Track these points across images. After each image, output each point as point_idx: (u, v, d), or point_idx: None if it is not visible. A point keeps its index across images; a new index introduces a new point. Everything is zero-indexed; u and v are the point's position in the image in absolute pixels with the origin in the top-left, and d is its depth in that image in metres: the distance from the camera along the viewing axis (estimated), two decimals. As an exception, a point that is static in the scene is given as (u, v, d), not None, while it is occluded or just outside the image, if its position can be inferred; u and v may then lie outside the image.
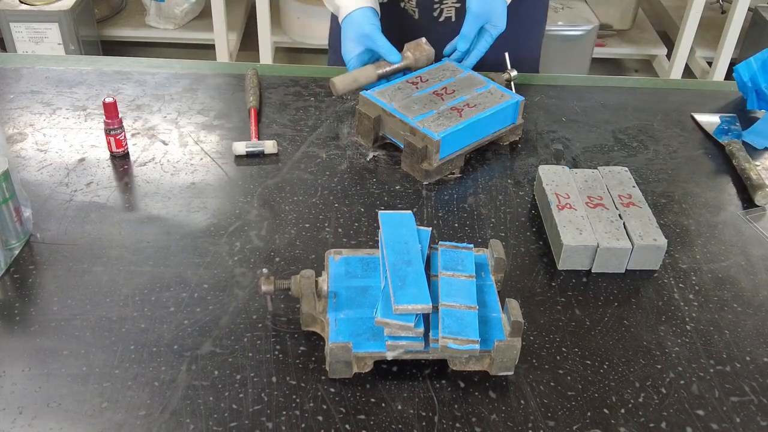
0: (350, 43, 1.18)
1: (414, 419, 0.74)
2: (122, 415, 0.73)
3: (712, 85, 1.69)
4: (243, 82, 1.28)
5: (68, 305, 0.84)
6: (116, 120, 1.06)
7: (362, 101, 1.13)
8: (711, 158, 1.17)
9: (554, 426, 0.74)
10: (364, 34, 1.16)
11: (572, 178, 1.02)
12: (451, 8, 1.30)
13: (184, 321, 0.83)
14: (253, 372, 0.78)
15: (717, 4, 3.46)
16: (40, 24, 2.80)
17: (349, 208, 1.01)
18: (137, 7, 3.26)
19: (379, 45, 1.16)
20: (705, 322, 0.87)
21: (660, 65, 3.31)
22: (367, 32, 1.16)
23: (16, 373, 0.76)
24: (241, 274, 0.90)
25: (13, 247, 0.91)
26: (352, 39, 1.17)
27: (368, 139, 1.13)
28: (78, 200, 1.00)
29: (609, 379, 0.79)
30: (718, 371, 0.81)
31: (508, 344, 0.76)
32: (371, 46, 1.16)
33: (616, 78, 1.47)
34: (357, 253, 0.87)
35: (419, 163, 1.06)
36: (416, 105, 1.11)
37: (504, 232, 0.99)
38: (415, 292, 0.76)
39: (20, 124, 1.15)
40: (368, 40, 1.16)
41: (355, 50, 1.18)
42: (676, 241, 0.99)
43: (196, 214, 0.99)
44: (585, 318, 0.87)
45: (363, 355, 0.77)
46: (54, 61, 1.33)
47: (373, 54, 1.19)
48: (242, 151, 1.10)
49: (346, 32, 1.18)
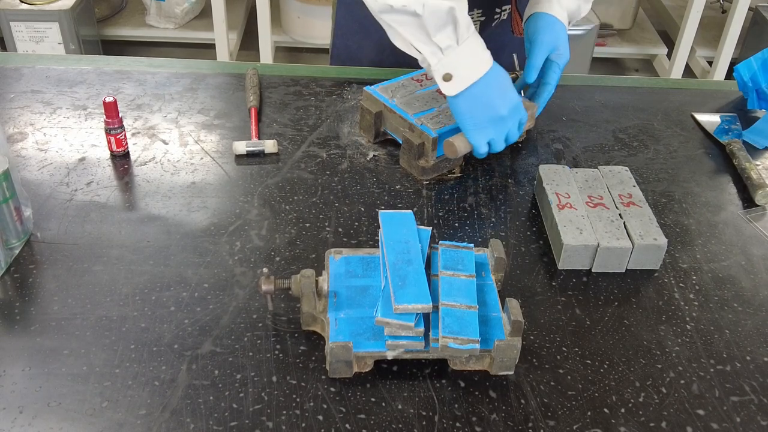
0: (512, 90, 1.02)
1: (414, 419, 0.74)
2: (122, 414, 0.73)
3: (712, 84, 1.69)
4: (243, 82, 1.28)
5: (68, 305, 0.84)
6: (116, 119, 1.06)
7: (365, 97, 1.13)
8: (711, 158, 1.17)
9: (554, 425, 0.74)
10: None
11: (572, 178, 1.02)
12: (477, 22, 1.27)
13: (185, 320, 0.83)
14: (253, 371, 0.78)
15: (717, 4, 3.46)
16: (40, 23, 2.80)
17: (350, 208, 1.01)
18: (137, 7, 3.26)
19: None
20: (705, 322, 0.87)
21: (660, 65, 3.31)
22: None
23: (16, 372, 0.76)
24: (241, 274, 0.90)
25: (14, 246, 0.91)
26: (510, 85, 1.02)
27: (369, 135, 1.13)
28: (78, 200, 1.00)
29: (609, 378, 0.79)
30: (719, 371, 0.81)
31: (509, 344, 0.76)
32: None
33: (616, 77, 1.47)
34: (357, 252, 0.87)
35: (416, 159, 1.06)
36: (418, 102, 1.11)
37: (504, 231, 0.99)
38: (416, 291, 0.76)
39: (20, 123, 1.15)
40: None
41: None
42: (677, 241, 0.99)
43: (197, 214, 0.99)
44: (585, 318, 0.87)
45: (363, 355, 0.77)
46: (54, 61, 1.33)
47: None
48: (242, 151, 1.10)
49: (505, 79, 1.01)
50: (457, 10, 0.91)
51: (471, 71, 0.96)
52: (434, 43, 0.93)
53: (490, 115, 0.99)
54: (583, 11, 1.17)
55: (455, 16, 0.92)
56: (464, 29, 0.93)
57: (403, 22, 0.93)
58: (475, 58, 0.96)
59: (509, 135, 1.04)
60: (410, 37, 0.94)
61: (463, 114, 0.99)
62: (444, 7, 0.91)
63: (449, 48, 0.94)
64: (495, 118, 0.99)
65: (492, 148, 1.03)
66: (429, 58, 0.95)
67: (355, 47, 1.35)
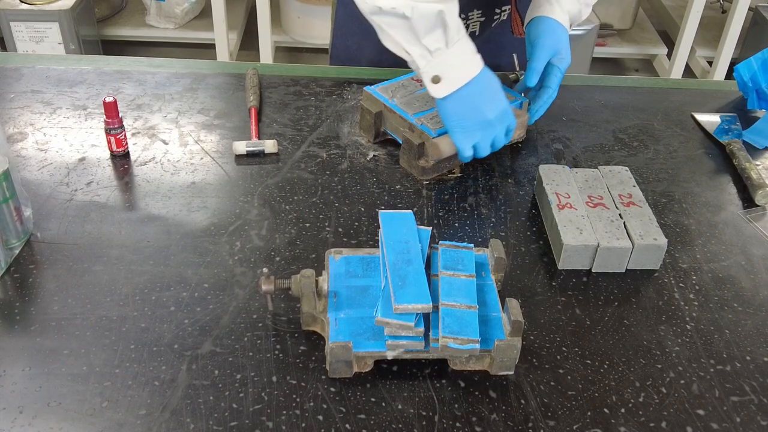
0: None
1: (414, 419, 0.74)
2: (122, 414, 0.73)
3: (712, 84, 1.69)
4: (243, 82, 1.28)
5: (68, 305, 0.84)
6: (116, 119, 1.06)
7: (365, 97, 1.13)
8: (711, 158, 1.17)
9: (554, 426, 0.74)
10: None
11: (572, 178, 1.02)
12: (476, 23, 1.27)
13: (185, 320, 0.83)
14: (253, 371, 0.78)
15: (717, 4, 3.46)
16: (40, 23, 2.80)
17: (350, 208, 1.01)
18: (137, 7, 3.26)
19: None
20: (705, 322, 0.87)
21: (660, 65, 3.31)
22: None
23: (16, 372, 0.76)
24: (241, 274, 0.90)
25: (14, 246, 0.91)
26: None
27: (369, 135, 1.14)
28: (78, 200, 1.00)
29: (609, 378, 0.79)
30: (719, 371, 0.81)
31: (509, 344, 0.76)
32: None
33: (616, 77, 1.47)
34: (357, 252, 0.87)
35: (416, 159, 1.06)
36: (417, 102, 1.11)
37: (504, 231, 0.99)
38: (416, 291, 0.76)
39: (20, 123, 1.15)
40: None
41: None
42: (677, 241, 0.99)
43: (197, 214, 0.99)
44: (585, 318, 0.87)
45: (363, 355, 0.77)
46: (54, 61, 1.33)
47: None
48: (242, 151, 1.10)
49: (494, 83, 1.00)
50: (446, 13, 0.91)
51: (460, 74, 0.95)
52: (423, 46, 0.93)
53: (478, 119, 0.99)
54: (584, 14, 1.17)
55: (444, 19, 0.91)
56: (454, 32, 0.93)
57: (393, 24, 0.93)
58: (464, 61, 0.96)
59: (495, 140, 1.03)
60: (400, 39, 0.94)
61: (450, 116, 0.98)
62: (433, 10, 0.90)
63: (438, 51, 0.93)
64: (482, 122, 0.99)
65: (477, 152, 1.03)
66: (418, 60, 0.94)
67: (355, 47, 1.35)
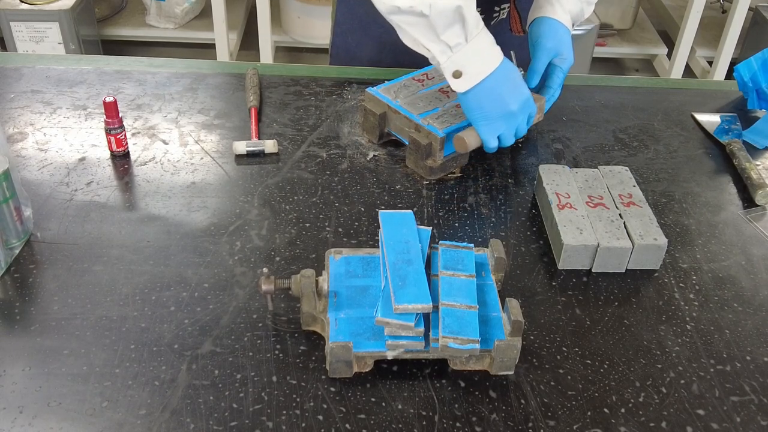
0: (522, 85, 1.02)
1: (414, 419, 0.74)
2: (122, 414, 0.73)
3: (712, 84, 1.69)
4: (243, 82, 1.28)
5: (68, 304, 0.84)
6: (116, 119, 1.06)
7: (368, 98, 1.13)
8: (711, 158, 1.17)
9: (554, 425, 0.74)
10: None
11: (572, 178, 1.02)
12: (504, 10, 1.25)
13: (185, 320, 0.83)
14: (253, 371, 0.78)
15: (717, 4, 3.46)
16: (40, 23, 2.80)
17: (350, 208, 1.01)
18: (137, 7, 3.26)
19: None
20: (705, 322, 0.87)
21: (660, 65, 3.31)
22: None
23: (16, 372, 0.76)
24: (241, 274, 0.90)
25: (14, 246, 0.91)
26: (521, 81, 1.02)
27: (373, 136, 1.13)
28: (78, 200, 1.00)
29: (609, 378, 0.79)
30: (719, 371, 0.81)
31: (509, 344, 0.76)
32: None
33: (616, 77, 1.47)
34: (357, 252, 0.87)
35: (423, 159, 1.06)
36: (421, 102, 1.11)
37: (504, 231, 0.99)
38: (416, 291, 0.76)
39: (21, 123, 1.15)
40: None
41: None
42: (677, 241, 0.99)
43: (197, 214, 0.99)
44: (585, 318, 0.87)
45: (363, 355, 0.77)
46: (54, 61, 1.33)
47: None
48: (243, 151, 1.10)
49: (515, 74, 1.01)
50: (464, 8, 0.91)
51: (481, 67, 0.96)
52: (443, 42, 0.94)
53: (501, 110, 0.99)
54: (586, 12, 1.17)
55: (463, 14, 0.92)
56: (473, 26, 0.93)
57: (411, 22, 0.94)
58: (484, 54, 0.96)
59: (519, 129, 1.04)
60: (419, 37, 0.95)
61: (474, 110, 0.99)
62: (451, 6, 0.91)
63: (458, 45, 0.94)
64: (506, 113, 1.00)
65: (502, 142, 1.04)
66: (438, 56, 0.95)
67: (355, 45, 1.35)
